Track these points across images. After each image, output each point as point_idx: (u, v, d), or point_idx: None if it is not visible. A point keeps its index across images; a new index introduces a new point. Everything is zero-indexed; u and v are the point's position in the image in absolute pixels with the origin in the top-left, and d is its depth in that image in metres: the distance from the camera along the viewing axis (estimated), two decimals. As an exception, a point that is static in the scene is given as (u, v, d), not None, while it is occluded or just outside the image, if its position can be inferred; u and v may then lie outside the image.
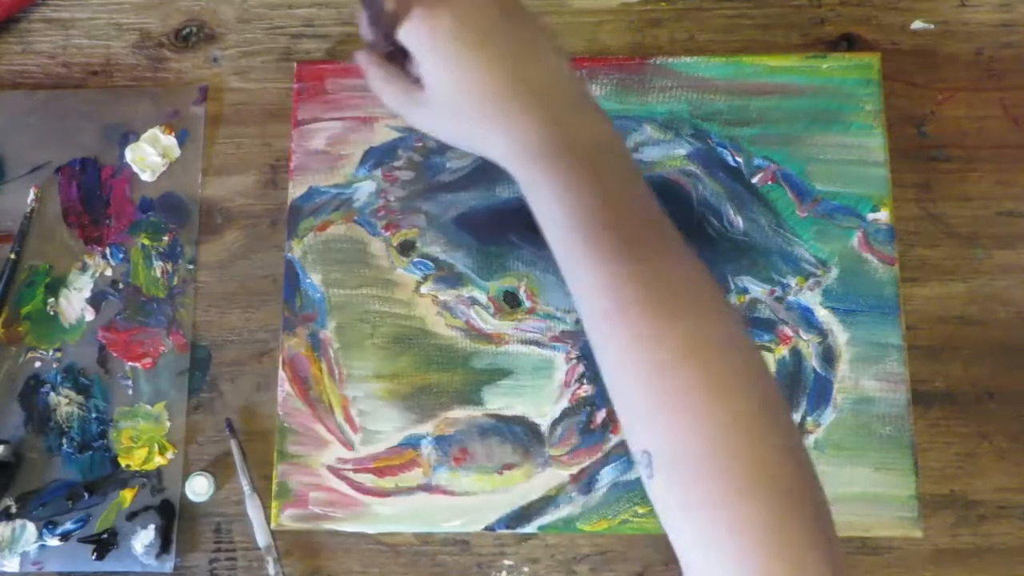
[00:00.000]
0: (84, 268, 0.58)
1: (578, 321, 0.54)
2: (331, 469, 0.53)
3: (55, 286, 0.58)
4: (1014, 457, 0.53)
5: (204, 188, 0.59)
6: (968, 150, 0.57)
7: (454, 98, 0.42)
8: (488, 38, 0.42)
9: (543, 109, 0.41)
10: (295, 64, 0.59)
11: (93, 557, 0.53)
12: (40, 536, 0.54)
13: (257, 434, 0.55)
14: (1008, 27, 0.59)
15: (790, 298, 0.54)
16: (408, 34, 0.42)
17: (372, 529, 0.53)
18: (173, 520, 0.54)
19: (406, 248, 0.56)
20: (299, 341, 0.55)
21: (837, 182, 0.56)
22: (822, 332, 0.54)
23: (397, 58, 0.44)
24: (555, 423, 0.53)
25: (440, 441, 0.54)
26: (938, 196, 0.57)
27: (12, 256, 0.57)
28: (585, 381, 0.54)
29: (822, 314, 0.54)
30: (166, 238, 0.58)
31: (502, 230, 0.56)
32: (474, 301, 0.55)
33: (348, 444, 0.54)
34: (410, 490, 0.53)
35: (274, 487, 0.53)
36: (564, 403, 0.54)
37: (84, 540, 0.54)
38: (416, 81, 0.43)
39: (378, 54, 0.45)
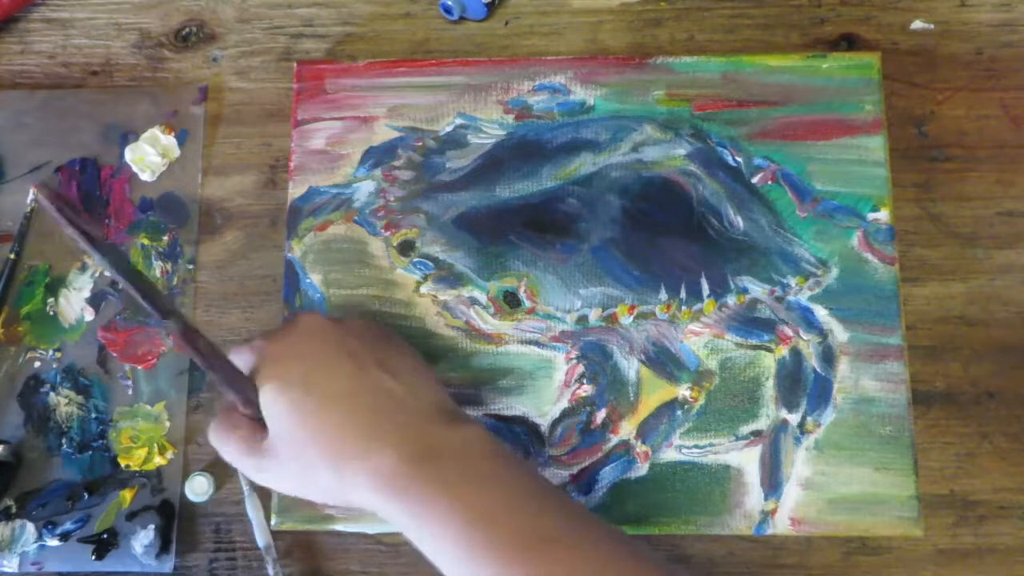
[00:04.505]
0: (84, 268, 0.58)
1: (578, 320, 0.54)
2: (331, 469, 0.53)
3: (55, 286, 0.58)
4: (1014, 457, 0.53)
5: (204, 188, 0.59)
6: (968, 150, 0.57)
7: (298, 435, 0.42)
8: (336, 371, 0.43)
9: (394, 438, 0.41)
10: (295, 64, 0.59)
11: (93, 557, 0.53)
12: (40, 536, 0.54)
13: (257, 434, 0.55)
14: (1008, 27, 0.59)
15: (790, 298, 0.54)
16: (254, 371, 0.44)
17: (372, 529, 0.53)
18: (173, 520, 0.54)
19: (406, 248, 0.56)
20: (299, 341, 0.55)
21: (837, 182, 0.56)
22: (822, 332, 0.54)
23: (250, 404, 0.44)
24: (555, 423, 0.53)
25: (440, 441, 0.53)
26: (938, 196, 0.57)
27: (12, 256, 0.57)
28: (585, 381, 0.54)
29: (822, 314, 0.54)
30: (166, 238, 0.58)
31: (502, 230, 0.56)
32: (474, 301, 0.55)
33: (348, 444, 0.54)
34: (410, 490, 0.53)
35: (274, 487, 0.53)
36: (564, 403, 0.54)
37: (84, 540, 0.54)
38: (261, 427, 0.44)
39: (232, 404, 0.45)
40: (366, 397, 0.42)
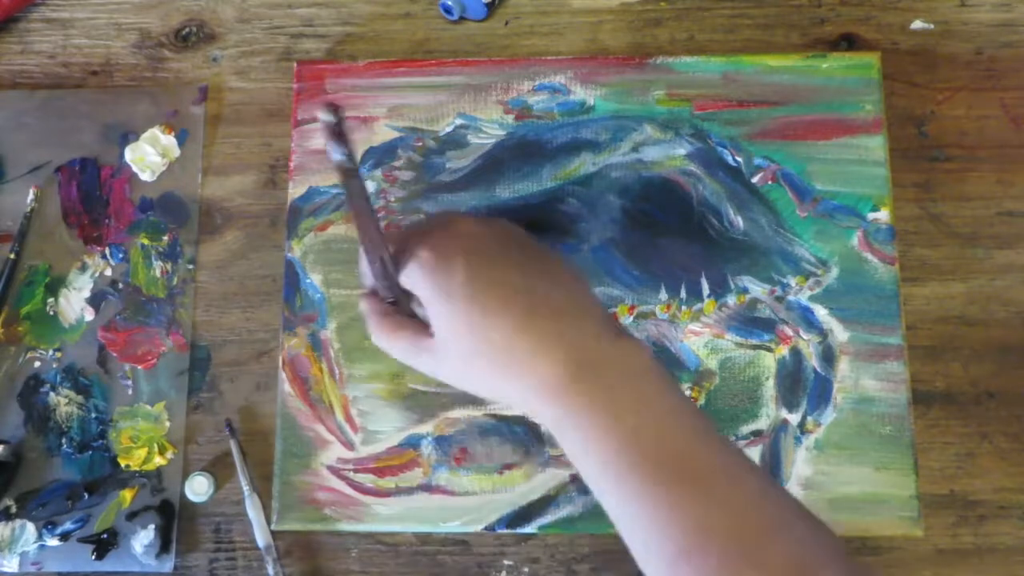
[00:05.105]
0: (84, 268, 0.58)
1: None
2: (331, 469, 0.53)
3: (55, 286, 0.58)
4: (1014, 457, 0.53)
5: (204, 188, 0.59)
6: (968, 150, 0.57)
7: (466, 345, 0.41)
8: (500, 280, 0.42)
9: (560, 348, 0.40)
10: (295, 64, 0.59)
11: (93, 557, 0.53)
12: (40, 536, 0.54)
13: (257, 434, 0.55)
14: (1008, 27, 0.59)
15: (790, 298, 0.54)
16: (416, 282, 0.42)
17: (372, 529, 0.53)
18: (173, 520, 0.54)
19: (406, 248, 0.56)
20: (299, 341, 0.55)
21: (837, 182, 0.56)
22: (822, 332, 0.54)
23: (401, 301, 0.44)
24: (555, 423, 0.53)
25: (440, 441, 0.53)
26: (938, 196, 0.57)
27: (12, 256, 0.57)
28: (585, 381, 0.54)
29: (822, 314, 0.54)
30: (166, 238, 0.58)
31: (502, 230, 0.56)
32: (474, 301, 0.55)
33: (348, 444, 0.54)
34: (410, 490, 0.53)
35: (274, 488, 0.53)
36: (564, 403, 0.53)
37: (84, 540, 0.54)
38: (423, 326, 0.43)
39: (380, 301, 0.45)
40: (531, 307, 0.41)
